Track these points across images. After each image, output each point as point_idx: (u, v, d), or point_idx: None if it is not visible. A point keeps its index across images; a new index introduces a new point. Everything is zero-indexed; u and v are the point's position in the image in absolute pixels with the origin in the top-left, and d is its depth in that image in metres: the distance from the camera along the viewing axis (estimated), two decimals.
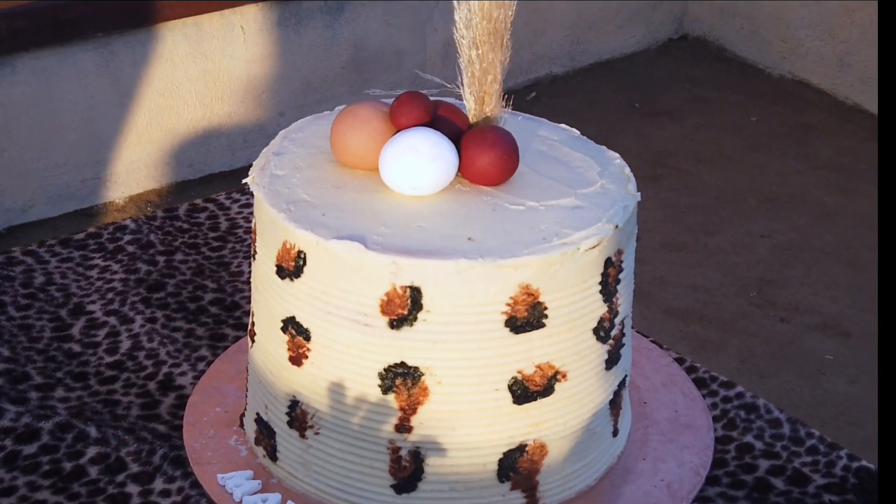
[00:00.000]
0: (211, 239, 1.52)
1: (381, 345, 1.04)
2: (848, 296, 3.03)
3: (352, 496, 1.11)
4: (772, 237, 3.26)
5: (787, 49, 3.87)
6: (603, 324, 1.09)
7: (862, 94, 3.71)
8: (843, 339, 2.89)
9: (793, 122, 3.76)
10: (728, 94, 3.92)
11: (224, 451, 1.19)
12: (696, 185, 3.49)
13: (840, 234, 3.26)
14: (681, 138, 3.71)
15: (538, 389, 1.07)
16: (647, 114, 3.84)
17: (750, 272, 3.14)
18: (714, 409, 1.25)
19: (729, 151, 3.63)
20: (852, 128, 3.71)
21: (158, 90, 3.24)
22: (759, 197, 3.43)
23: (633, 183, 1.13)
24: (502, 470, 1.09)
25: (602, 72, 4.04)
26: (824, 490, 1.15)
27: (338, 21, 3.45)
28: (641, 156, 3.62)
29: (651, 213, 3.35)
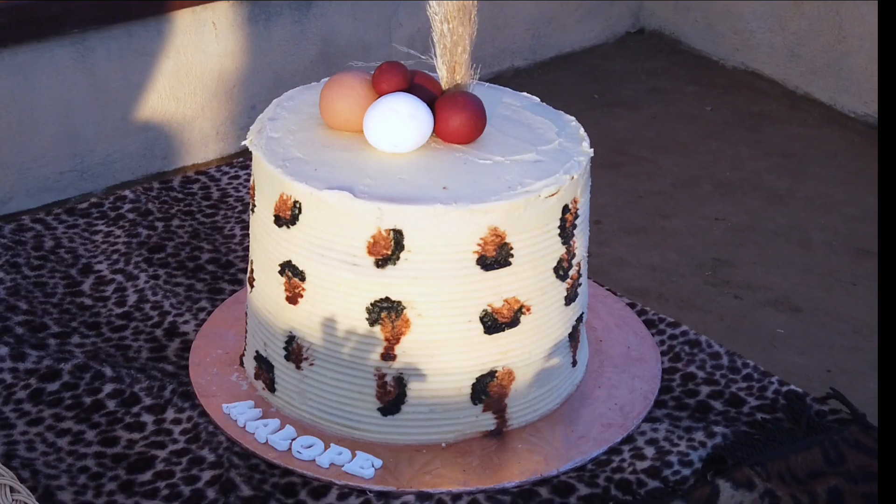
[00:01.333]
0: (204, 206, 1.68)
1: (368, 282, 1.21)
2: (798, 274, 3.22)
3: (343, 420, 1.27)
4: (726, 220, 3.45)
5: (739, 41, 4.06)
6: (562, 264, 1.26)
7: (811, 84, 3.91)
8: (794, 313, 3.08)
9: (746, 111, 3.96)
10: (683, 85, 4.11)
11: (227, 385, 1.35)
12: (654, 172, 3.67)
13: (791, 216, 3.45)
14: (638, 127, 3.89)
15: (506, 321, 1.24)
16: (606, 104, 4.02)
17: (705, 253, 3.32)
18: (662, 345, 1.43)
19: (685, 139, 3.82)
20: (803, 116, 3.92)
21: (133, 84, 3.37)
22: (714, 182, 3.62)
23: (587, 141, 1.31)
24: (475, 393, 1.26)
25: (562, 65, 4.22)
26: (757, 410, 1.33)
27: (306, 17, 3.60)
28: (601, 144, 3.78)
29: (610, 199, 3.54)
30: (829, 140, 3.79)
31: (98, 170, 3.36)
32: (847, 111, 3.86)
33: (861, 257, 3.27)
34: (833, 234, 3.37)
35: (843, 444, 1.26)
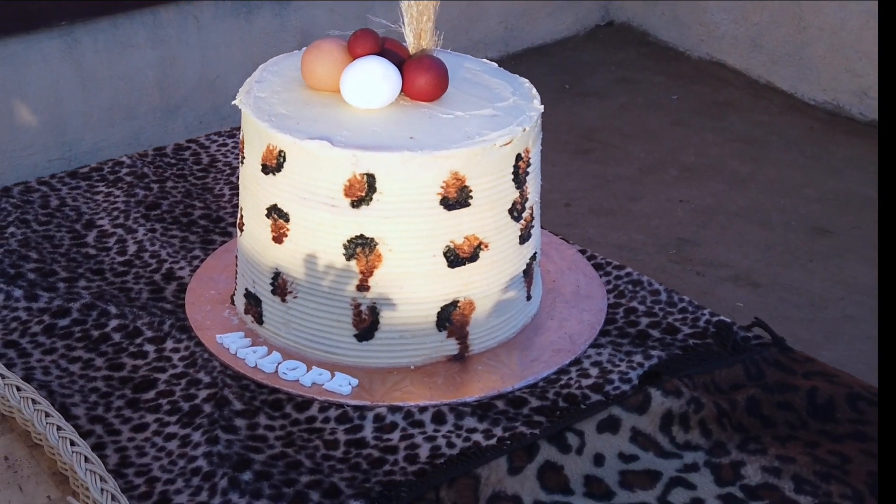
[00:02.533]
0: (196, 171, 1.87)
1: (345, 221, 1.40)
2: (757, 252, 3.43)
3: (323, 346, 1.46)
4: (690, 202, 3.66)
5: (704, 32, 4.28)
6: (516, 206, 1.46)
7: (774, 73, 4.13)
8: (753, 288, 3.28)
9: (711, 99, 4.17)
10: (651, 75, 4.32)
11: (220, 320, 1.54)
12: (622, 158, 3.87)
13: (752, 198, 3.66)
14: (608, 116, 4.09)
15: (466, 256, 1.43)
16: (577, 94, 4.22)
17: (670, 233, 3.53)
18: (608, 284, 1.63)
19: (652, 127, 4.03)
20: (765, 104, 4.13)
21: (119, 75, 3.54)
22: (679, 167, 3.83)
23: (538, 99, 1.50)
24: (440, 321, 1.45)
25: (534, 56, 4.43)
26: (690, 337, 1.52)
27: (286, 10, 3.78)
28: (572, 132, 4.01)
29: (580, 183, 3.74)
30: (789, 126, 4.01)
31: (85, 158, 3.51)
32: (807, 99, 4.08)
33: (818, 236, 3.48)
34: (792, 215, 3.58)
35: (763, 362, 1.46)
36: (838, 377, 1.44)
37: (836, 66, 3.94)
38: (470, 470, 1.28)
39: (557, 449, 1.32)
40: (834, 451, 1.34)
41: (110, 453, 1.33)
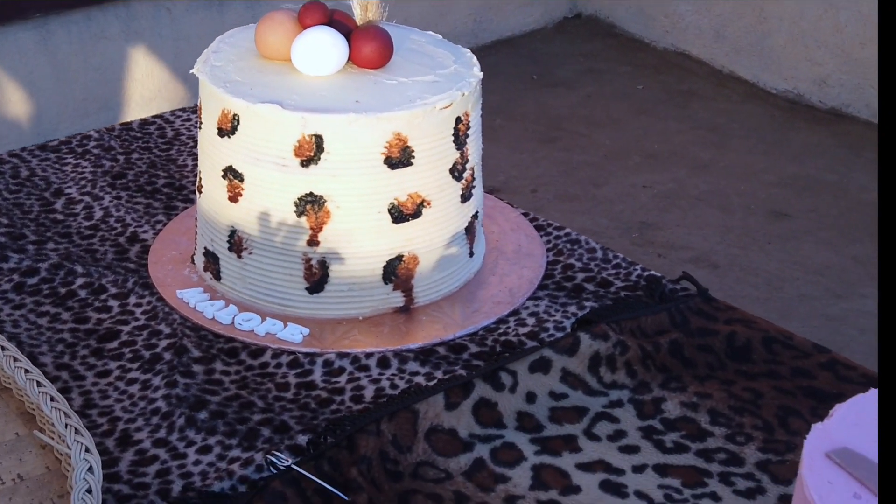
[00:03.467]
0: (161, 143, 1.98)
1: (295, 180, 1.51)
2: (717, 234, 3.55)
3: (276, 298, 1.57)
4: (652, 187, 3.78)
5: (669, 24, 4.41)
6: (456, 166, 1.57)
7: (736, 63, 4.26)
8: (712, 269, 3.40)
9: (675, 88, 4.30)
10: (617, 65, 4.44)
11: (180, 278, 1.65)
12: (588, 145, 3.99)
13: (713, 183, 3.79)
14: (575, 105, 4.21)
15: (410, 213, 1.55)
16: (545, 84, 4.34)
17: (633, 217, 3.65)
18: (548, 244, 1.74)
19: (617, 116, 4.15)
20: (728, 93, 4.26)
21: (93, 66, 3.64)
22: (643, 154, 3.95)
23: (478, 67, 1.61)
24: (386, 274, 1.56)
25: (503, 48, 4.55)
26: (622, 289, 1.64)
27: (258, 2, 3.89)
28: (539, 121, 4.13)
29: (546, 170, 3.86)
30: (751, 114, 4.13)
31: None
32: (769, 87, 4.21)
33: (776, 219, 3.60)
34: (751, 199, 3.71)
35: (688, 310, 1.57)
36: (756, 323, 1.55)
37: (797, 55, 4.06)
38: (409, 405, 1.39)
39: (492, 387, 1.44)
40: (748, 387, 1.46)
41: (75, 396, 1.44)
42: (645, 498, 1.31)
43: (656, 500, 1.31)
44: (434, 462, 1.37)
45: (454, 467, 1.36)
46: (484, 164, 1.71)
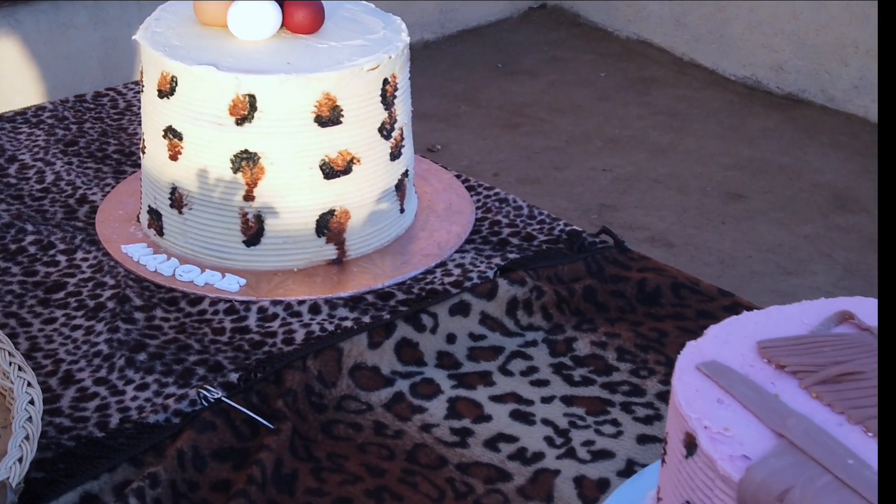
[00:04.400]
0: (113, 114, 2.08)
1: (231, 138, 1.61)
2: (673, 215, 3.67)
3: (215, 252, 1.68)
4: (612, 171, 3.89)
5: (632, 13, 4.52)
6: (385, 126, 1.68)
7: (696, 50, 4.37)
8: (667, 248, 3.52)
9: (636, 76, 4.41)
10: (581, 54, 4.55)
11: (126, 235, 1.75)
12: (550, 131, 4.10)
13: (671, 166, 3.90)
14: (538, 92, 4.33)
15: (340, 169, 1.65)
16: (509, 72, 4.46)
17: (592, 199, 3.76)
18: (478, 202, 1.85)
19: (580, 102, 4.26)
20: (688, 80, 4.37)
21: (63, 55, 3.74)
22: (604, 139, 4.06)
23: (406, 32, 1.72)
24: (319, 228, 1.67)
25: (469, 38, 4.66)
26: (544, 243, 1.75)
27: None
28: (503, 107, 4.24)
29: (508, 155, 3.97)
30: (710, 100, 4.25)
31: None
32: (728, 74, 4.32)
33: (731, 200, 3.72)
34: (707, 181, 3.82)
35: (604, 260, 1.68)
36: (667, 271, 1.66)
37: (754, 42, 4.18)
38: (334, 344, 1.50)
39: (413, 328, 1.54)
40: (655, 328, 1.57)
41: (22, 341, 1.54)
42: (550, 425, 1.42)
43: (561, 427, 1.41)
44: (357, 396, 1.47)
45: (375, 400, 1.47)
46: (447, 150, 1.82)
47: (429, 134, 3.89)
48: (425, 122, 4.08)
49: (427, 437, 1.41)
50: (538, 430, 1.42)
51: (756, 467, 1.03)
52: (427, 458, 1.38)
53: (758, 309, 1.56)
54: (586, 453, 1.38)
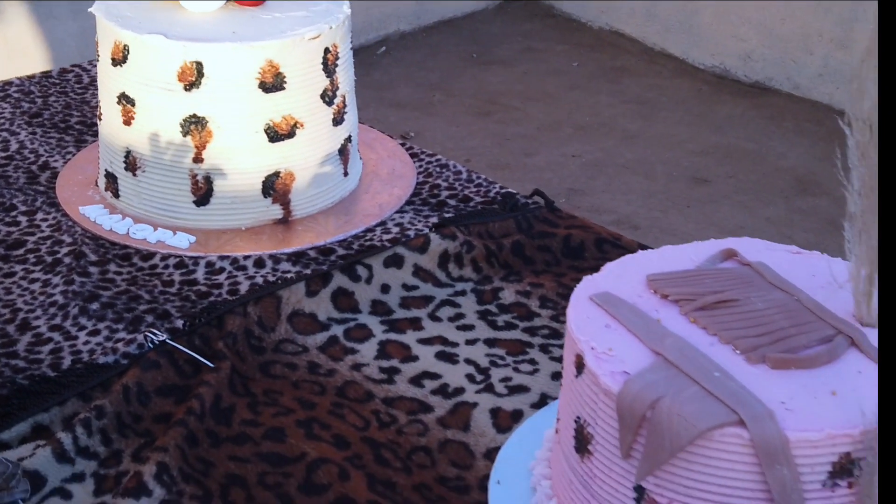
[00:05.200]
0: (77, 88, 2.21)
1: (180, 103, 1.74)
2: (640, 199, 3.78)
3: (167, 211, 1.80)
4: (581, 157, 4.01)
5: (604, 4, 4.64)
6: (327, 92, 1.80)
7: (667, 40, 4.49)
8: (632, 230, 3.63)
9: (608, 65, 4.53)
10: (554, 44, 4.68)
11: (84, 198, 1.87)
12: (521, 118, 4.22)
13: (639, 152, 4.02)
14: (511, 81, 4.45)
15: (285, 133, 1.77)
16: (483, 62, 4.58)
17: (561, 184, 3.88)
18: (420, 168, 1.97)
19: (551, 91, 4.39)
20: (658, 68, 4.49)
21: (44, 44, 3.86)
22: (574, 126, 4.18)
23: (347, 5, 1.84)
24: (265, 189, 1.79)
25: (445, 29, 4.79)
26: (480, 204, 1.87)
27: None
28: (476, 96, 4.36)
29: (480, 141, 4.09)
30: (679, 89, 4.37)
31: None
32: (697, 63, 4.44)
33: (696, 185, 3.84)
34: (674, 166, 3.94)
35: (533, 218, 1.80)
36: (591, 228, 1.79)
37: (723, 32, 4.30)
38: (273, 292, 1.62)
39: (349, 279, 1.66)
40: (577, 278, 1.68)
41: None
42: (473, 364, 1.54)
43: (482, 366, 1.54)
44: (294, 339, 1.59)
45: (311, 343, 1.59)
46: (420, 137, 1.95)
47: (403, 122, 4.01)
48: (400, 110, 4.20)
49: (357, 375, 1.53)
50: (461, 368, 1.54)
51: (632, 380, 1.16)
52: (356, 393, 1.50)
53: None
54: (503, 388, 1.50)
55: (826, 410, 1.12)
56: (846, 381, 1.15)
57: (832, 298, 1.27)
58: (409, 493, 1.34)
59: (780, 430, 1.10)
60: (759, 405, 1.12)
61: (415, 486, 1.36)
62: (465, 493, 1.35)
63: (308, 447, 1.40)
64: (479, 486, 1.35)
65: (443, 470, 1.38)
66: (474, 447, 1.41)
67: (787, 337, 1.21)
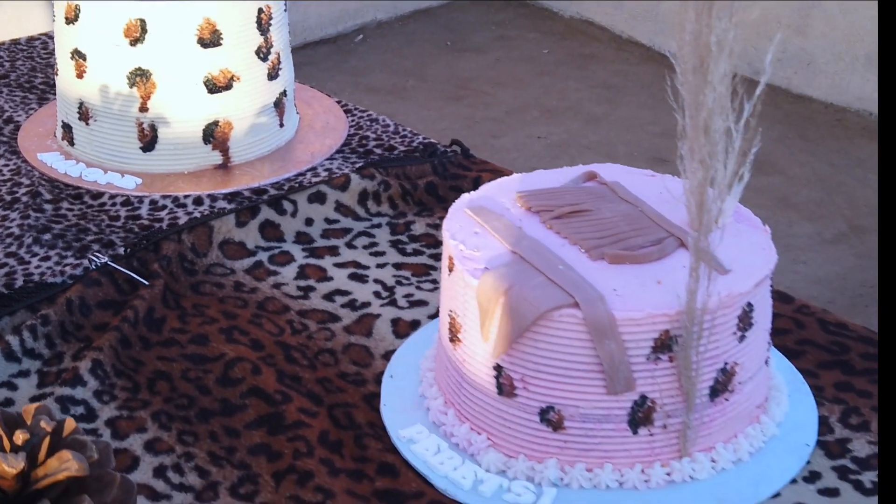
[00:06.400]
0: (43, 54, 2.45)
1: (127, 57, 1.97)
2: None
3: (117, 157, 2.03)
4: (547, 138, 4.24)
5: None
6: (261, 49, 2.03)
7: (634, 28, 4.72)
8: None
9: (577, 52, 4.77)
10: (526, 33, 4.91)
11: (43, 146, 2.11)
12: (491, 102, 4.46)
13: (602, 134, 4.25)
14: (483, 68, 4.68)
15: (222, 86, 2.00)
16: (457, 50, 4.82)
17: (525, 164, 4.10)
18: (352, 122, 2.20)
19: (521, 76, 4.62)
20: (626, 55, 4.72)
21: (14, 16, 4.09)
22: (542, 109, 4.41)
23: None
24: (205, 136, 2.02)
25: (421, 18, 5.03)
26: (403, 152, 2.10)
27: None
28: (449, 81, 4.59)
29: (449, 124, 4.32)
30: (645, 75, 4.60)
31: None
32: (663, 50, 4.67)
33: (656, 164, 4.06)
34: (635, 147, 4.17)
35: (449, 163, 2.03)
36: (502, 172, 2.01)
37: None
38: (206, 222, 1.85)
39: (276, 212, 1.89)
40: None
41: None
42: (380, 283, 1.77)
43: (388, 284, 1.76)
44: (223, 263, 1.82)
45: (238, 267, 1.82)
46: (392, 119, 2.18)
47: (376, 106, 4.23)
48: (374, 94, 4.44)
49: (276, 292, 1.76)
50: (369, 286, 1.77)
51: (489, 273, 1.39)
52: (274, 307, 1.73)
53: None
54: (406, 302, 1.73)
55: (650, 295, 1.35)
56: (671, 273, 1.38)
57: (673, 210, 1.50)
58: (312, 386, 1.57)
59: (608, 310, 1.33)
60: (593, 290, 1.34)
61: (318, 379, 1.58)
62: (362, 385, 1.57)
63: (227, 349, 1.63)
64: (374, 380, 1.58)
65: (344, 367, 1.61)
66: (374, 350, 1.64)
67: (625, 238, 1.44)
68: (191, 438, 1.48)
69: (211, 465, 1.44)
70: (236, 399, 1.54)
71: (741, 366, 1.40)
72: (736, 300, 1.36)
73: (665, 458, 1.40)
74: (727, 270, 1.39)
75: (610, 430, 1.38)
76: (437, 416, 1.48)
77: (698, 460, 1.40)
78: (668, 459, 1.40)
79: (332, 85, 4.30)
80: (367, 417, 1.51)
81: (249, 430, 1.49)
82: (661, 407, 1.36)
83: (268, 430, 1.49)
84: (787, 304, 1.70)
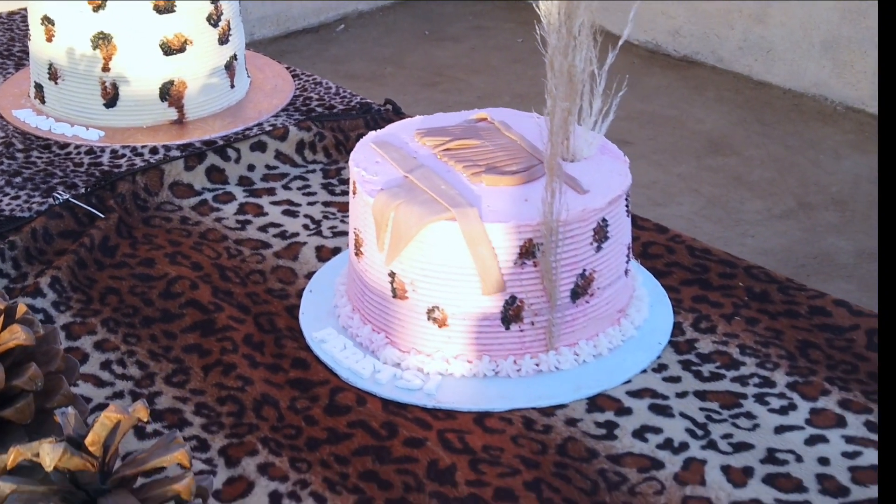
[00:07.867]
0: (22, 26, 2.76)
1: (90, 21, 2.27)
2: None
3: (83, 113, 2.33)
4: None
5: None
6: (212, 16, 2.33)
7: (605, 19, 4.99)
8: None
9: None
10: (502, 23, 5.21)
11: (18, 104, 2.41)
12: (465, 88, 4.75)
13: None
14: (459, 56, 4.98)
15: (177, 48, 2.31)
16: (435, 39, 5.12)
17: None
18: (299, 86, 2.50)
19: (495, 64, 4.91)
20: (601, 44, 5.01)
21: None
22: (513, 95, 4.70)
23: None
24: (161, 94, 2.32)
25: (401, 9, 5.33)
26: (343, 110, 2.39)
27: None
28: (425, 69, 4.89)
29: (423, 109, 4.60)
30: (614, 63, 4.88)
31: None
32: (632, 39, 4.96)
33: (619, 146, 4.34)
34: None
35: (382, 120, 2.33)
36: None
37: (654, 8, 4.82)
38: (158, 166, 2.15)
39: (221, 158, 2.19)
40: None
41: None
42: (308, 217, 2.06)
43: (316, 219, 2.06)
44: (172, 202, 2.12)
45: (185, 204, 2.11)
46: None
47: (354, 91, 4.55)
48: (352, 81, 4.74)
49: (217, 225, 2.05)
50: (299, 220, 2.06)
51: (383, 192, 1.68)
52: (214, 236, 2.02)
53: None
54: (330, 233, 2.02)
55: (517, 210, 1.64)
56: (536, 192, 1.67)
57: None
58: (242, 299, 1.86)
59: (480, 221, 1.61)
60: (468, 205, 1.63)
61: (247, 293, 1.87)
62: (286, 298, 1.86)
63: (170, 269, 1.93)
64: (296, 294, 1.87)
65: (271, 284, 1.90)
66: (298, 271, 1.93)
67: (502, 165, 1.73)
68: (134, 340, 1.78)
69: (150, 360, 1.74)
70: (175, 309, 1.84)
71: (599, 273, 1.68)
72: (591, 215, 1.65)
73: (534, 351, 1.68)
74: (585, 191, 1.68)
75: (486, 326, 1.66)
76: (346, 320, 1.77)
77: (563, 353, 1.68)
78: (536, 352, 1.68)
79: (312, 71, 4.62)
80: (287, 323, 1.81)
81: (185, 333, 1.79)
82: (528, 306, 1.65)
83: (200, 333, 1.78)
84: (662, 234, 1.99)
